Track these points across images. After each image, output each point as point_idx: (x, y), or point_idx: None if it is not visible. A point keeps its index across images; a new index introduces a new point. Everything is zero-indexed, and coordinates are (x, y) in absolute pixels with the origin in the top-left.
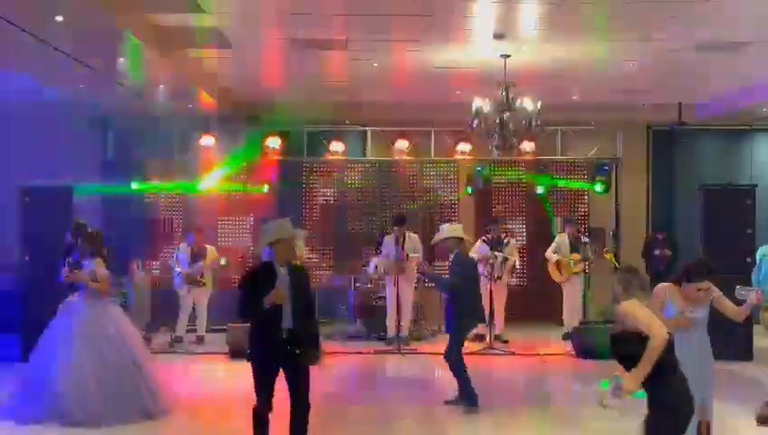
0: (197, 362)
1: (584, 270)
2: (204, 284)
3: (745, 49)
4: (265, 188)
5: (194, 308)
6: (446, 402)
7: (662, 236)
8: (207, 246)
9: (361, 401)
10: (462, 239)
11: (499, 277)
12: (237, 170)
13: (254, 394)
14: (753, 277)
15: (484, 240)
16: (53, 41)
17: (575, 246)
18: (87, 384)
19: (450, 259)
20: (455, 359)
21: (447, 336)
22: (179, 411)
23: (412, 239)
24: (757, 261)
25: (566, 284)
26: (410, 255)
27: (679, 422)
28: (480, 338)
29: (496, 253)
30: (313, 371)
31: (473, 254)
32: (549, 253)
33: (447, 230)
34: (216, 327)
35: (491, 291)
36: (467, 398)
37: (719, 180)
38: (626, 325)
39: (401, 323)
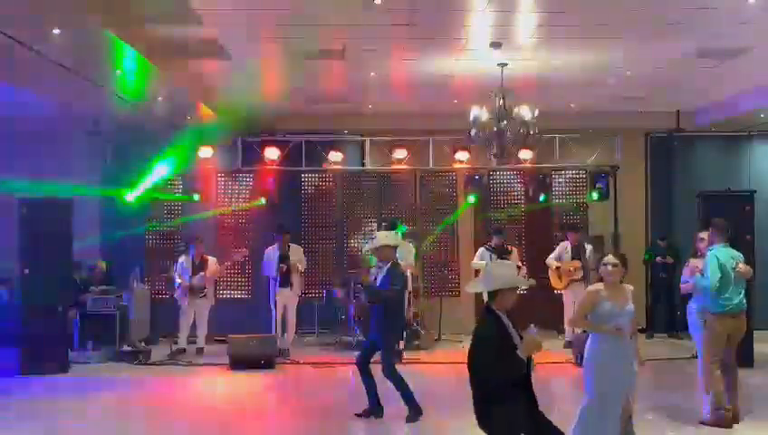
0: (199, 374)
1: (584, 277)
2: (205, 295)
3: (743, 55)
4: (263, 200)
5: (194, 320)
6: (358, 415)
7: (664, 243)
8: (209, 258)
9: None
10: (395, 248)
11: None
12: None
13: None
14: (704, 282)
15: (487, 248)
16: (51, 54)
17: (576, 254)
18: None
19: (384, 269)
20: (395, 372)
21: (444, 344)
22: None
23: (406, 247)
24: (711, 266)
25: (566, 291)
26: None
27: None
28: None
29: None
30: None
31: (475, 260)
32: (549, 260)
33: (383, 238)
34: (217, 338)
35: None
36: (413, 409)
37: (718, 187)
38: None
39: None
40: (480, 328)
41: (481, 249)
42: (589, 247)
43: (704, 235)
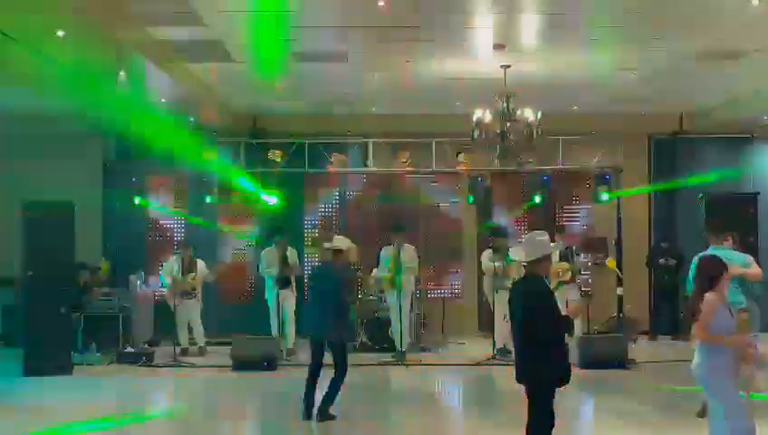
0: (201, 375)
1: (572, 279)
2: (195, 296)
3: (746, 57)
4: (268, 202)
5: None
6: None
7: (666, 245)
8: (197, 260)
9: (363, 415)
10: (341, 251)
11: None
12: (239, 183)
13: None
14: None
15: (495, 250)
16: (54, 55)
17: (565, 256)
18: None
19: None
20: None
21: (447, 347)
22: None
23: (408, 250)
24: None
25: (555, 293)
26: (406, 265)
27: None
28: (507, 351)
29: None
30: None
31: (485, 261)
32: None
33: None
34: (220, 340)
35: (492, 303)
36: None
37: (721, 189)
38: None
39: (401, 335)
40: (536, 286)
41: (488, 251)
42: (577, 249)
43: (727, 236)
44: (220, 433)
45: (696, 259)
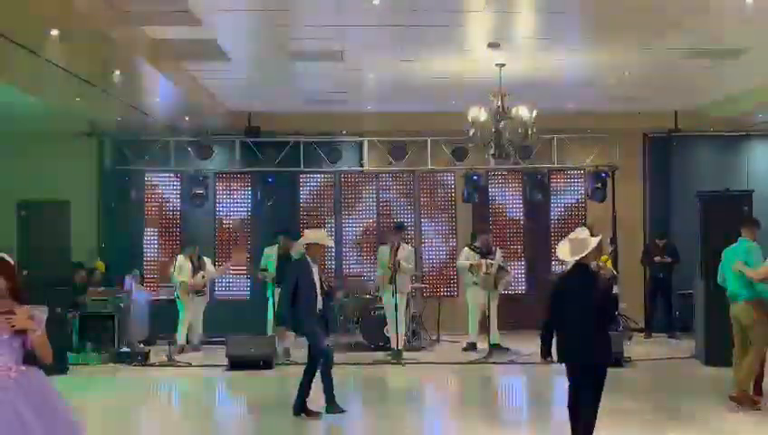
0: (197, 374)
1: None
2: (204, 294)
3: (741, 55)
4: (263, 198)
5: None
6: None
7: (662, 242)
8: (204, 258)
9: (359, 414)
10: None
11: (495, 286)
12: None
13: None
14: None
15: (472, 248)
16: (49, 55)
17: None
18: None
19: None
20: (317, 357)
21: (443, 345)
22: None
23: (405, 250)
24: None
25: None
26: (403, 264)
27: None
28: (472, 347)
29: (489, 260)
30: None
31: (461, 260)
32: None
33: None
34: (214, 339)
35: (488, 302)
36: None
37: (716, 187)
38: None
39: (398, 334)
40: (599, 277)
41: (465, 249)
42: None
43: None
44: (216, 433)
45: (726, 251)
